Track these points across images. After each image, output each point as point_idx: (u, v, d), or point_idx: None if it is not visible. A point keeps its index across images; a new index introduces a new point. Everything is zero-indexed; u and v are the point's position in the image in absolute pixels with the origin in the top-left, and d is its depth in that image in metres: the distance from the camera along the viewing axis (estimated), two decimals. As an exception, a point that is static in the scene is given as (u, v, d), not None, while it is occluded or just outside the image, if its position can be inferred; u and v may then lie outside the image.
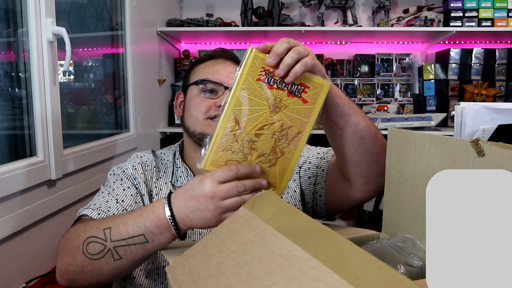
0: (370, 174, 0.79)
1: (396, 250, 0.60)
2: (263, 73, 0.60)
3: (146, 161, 0.90)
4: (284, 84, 0.60)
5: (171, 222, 0.62)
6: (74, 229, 0.72)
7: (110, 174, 0.88)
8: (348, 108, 0.73)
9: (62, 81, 1.38)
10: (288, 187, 0.91)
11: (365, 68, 2.57)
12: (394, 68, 2.55)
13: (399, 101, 2.52)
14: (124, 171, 0.86)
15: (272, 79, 0.60)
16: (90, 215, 0.77)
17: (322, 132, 0.79)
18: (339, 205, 0.90)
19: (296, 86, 0.61)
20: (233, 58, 0.91)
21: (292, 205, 0.75)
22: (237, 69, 0.61)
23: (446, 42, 2.52)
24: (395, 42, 2.60)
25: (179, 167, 0.90)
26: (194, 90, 0.88)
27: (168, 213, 0.62)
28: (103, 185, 0.87)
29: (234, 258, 0.48)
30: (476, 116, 0.75)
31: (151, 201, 0.85)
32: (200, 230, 0.83)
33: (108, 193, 0.82)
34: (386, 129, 0.70)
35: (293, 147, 0.63)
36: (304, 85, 0.61)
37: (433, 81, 2.39)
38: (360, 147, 0.76)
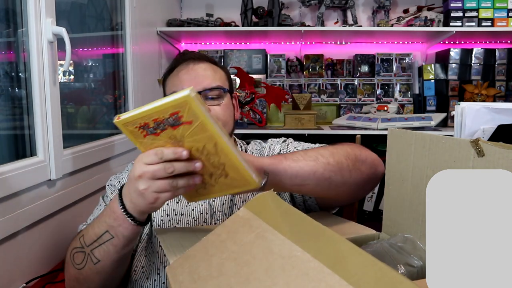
0: (352, 193, 0.77)
1: (396, 250, 0.60)
2: (147, 126, 0.58)
3: None
4: (163, 124, 0.57)
5: (122, 210, 0.63)
6: (70, 246, 0.76)
7: (108, 185, 0.92)
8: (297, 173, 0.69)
9: (62, 81, 1.38)
10: None
11: (365, 68, 2.57)
12: (394, 68, 2.55)
13: (399, 101, 2.52)
14: (119, 181, 0.90)
15: (159, 127, 0.58)
16: None
17: (321, 132, 0.78)
18: (331, 205, 0.90)
19: (171, 118, 0.57)
20: (193, 57, 0.90)
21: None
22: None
23: (446, 42, 2.52)
24: (395, 42, 2.60)
25: None
26: None
27: (119, 203, 0.64)
28: (101, 197, 0.90)
29: (235, 259, 0.48)
30: (476, 116, 0.75)
31: None
32: (182, 211, 0.85)
33: (105, 205, 0.86)
34: (386, 129, 0.70)
35: (223, 156, 0.61)
36: (174, 113, 0.56)
37: (433, 81, 2.39)
38: (328, 189, 0.73)
